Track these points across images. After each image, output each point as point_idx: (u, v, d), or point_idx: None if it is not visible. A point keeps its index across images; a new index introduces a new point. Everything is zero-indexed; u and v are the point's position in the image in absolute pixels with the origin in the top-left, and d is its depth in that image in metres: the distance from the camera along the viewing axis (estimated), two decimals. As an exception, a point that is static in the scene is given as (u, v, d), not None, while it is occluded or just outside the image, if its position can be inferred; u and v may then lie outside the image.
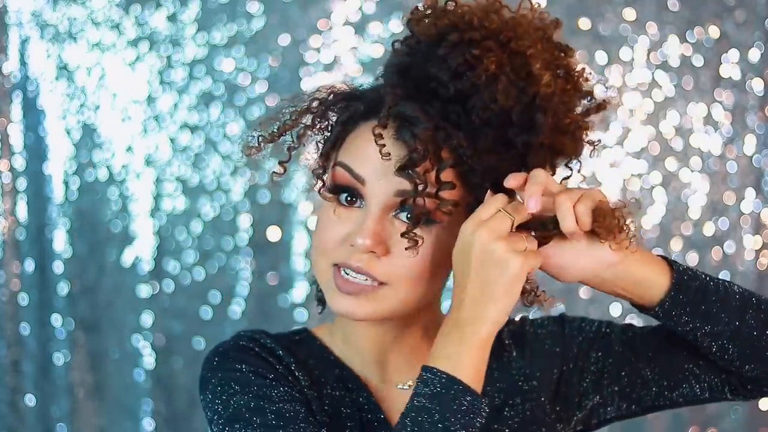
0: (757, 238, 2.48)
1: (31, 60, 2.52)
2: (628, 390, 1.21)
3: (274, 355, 1.16)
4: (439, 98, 1.08)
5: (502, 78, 1.06)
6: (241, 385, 1.11)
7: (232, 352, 1.15)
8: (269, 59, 2.47)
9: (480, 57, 1.06)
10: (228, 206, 2.50)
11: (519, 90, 1.06)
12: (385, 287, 1.09)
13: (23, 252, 2.56)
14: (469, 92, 1.07)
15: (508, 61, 1.07)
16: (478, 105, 1.06)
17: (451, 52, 1.07)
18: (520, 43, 1.07)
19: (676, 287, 1.10)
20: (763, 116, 2.46)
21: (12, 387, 2.57)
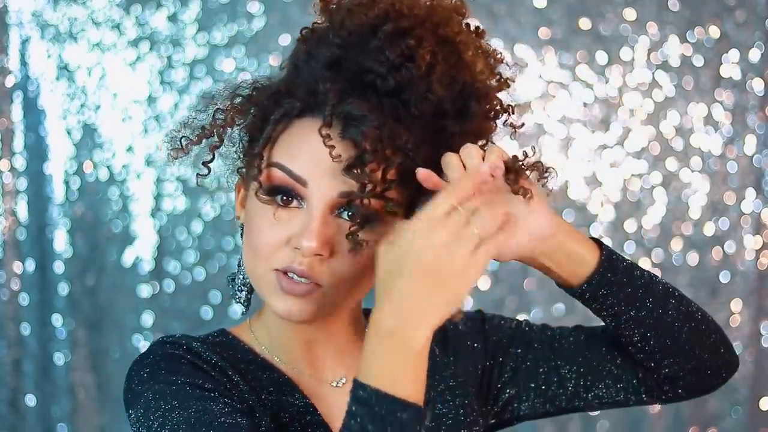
0: (758, 238, 2.48)
1: (32, 60, 2.52)
2: (544, 387, 1.21)
3: (207, 361, 1.09)
4: (376, 92, 1.03)
5: (438, 68, 1.03)
6: (179, 399, 1.02)
7: (164, 363, 1.07)
8: (270, 59, 2.47)
9: (415, 47, 1.03)
10: (228, 206, 2.51)
11: (451, 78, 1.04)
12: (325, 288, 1.05)
13: (24, 252, 2.56)
14: (406, 84, 1.03)
15: (440, 50, 1.04)
16: (415, 97, 1.03)
17: (387, 43, 1.03)
18: (448, 29, 1.05)
19: (604, 264, 1.10)
20: (763, 116, 2.47)
21: (13, 387, 2.57)
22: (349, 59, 1.06)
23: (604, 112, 2.46)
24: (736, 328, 2.50)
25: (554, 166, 1.12)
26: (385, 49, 1.03)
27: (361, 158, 1.00)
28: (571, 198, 2.47)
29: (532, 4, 2.43)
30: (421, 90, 1.03)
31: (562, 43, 2.44)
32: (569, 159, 2.46)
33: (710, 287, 2.50)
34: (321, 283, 1.04)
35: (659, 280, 1.14)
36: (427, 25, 1.05)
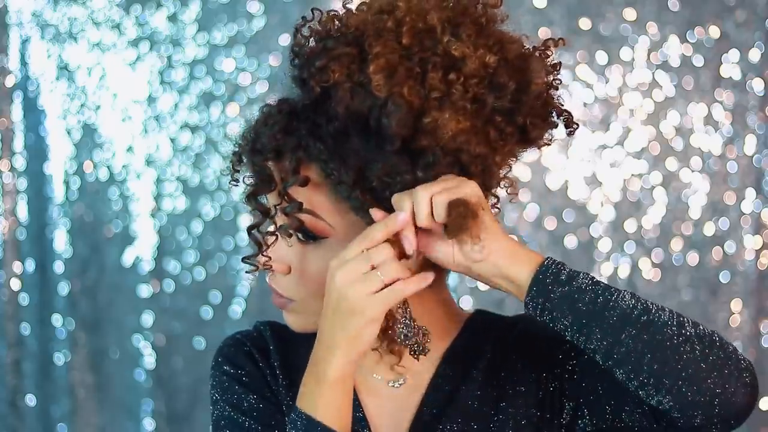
0: (758, 238, 2.48)
1: (32, 60, 2.52)
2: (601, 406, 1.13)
3: (263, 352, 1.21)
4: (304, 112, 1.07)
5: (345, 86, 1.03)
6: (222, 391, 1.19)
7: (227, 349, 1.22)
8: (270, 59, 2.47)
9: (324, 68, 1.04)
10: (228, 206, 2.51)
11: (372, 95, 1.02)
12: (296, 303, 1.14)
13: (24, 252, 2.56)
14: (322, 103, 1.05)
15: (358, 67, 1.03)
16: (331, 115, 1.05)
17: (302, 64, 1.08)
18: (373, 43, 1.03)
19: (533, 288, 1.03)
20: (763, 116, 2.46)
21: (12, 387, 2.57)
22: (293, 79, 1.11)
23: (604, 112, 2.46)
24: (736, 328, 2.50)
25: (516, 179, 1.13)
26: (298, 71, 1.08)
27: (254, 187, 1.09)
28: (571, 198, 2.47)
29: (532, 4, 2.43)
30: (326, 109, 1.05)
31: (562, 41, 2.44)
32: (569, 159, 2.46)
33: (710, 287, 2.50)
34: (289, 296, 1.14)
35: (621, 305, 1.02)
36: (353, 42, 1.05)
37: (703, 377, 0.99)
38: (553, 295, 1.03)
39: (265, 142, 1.07)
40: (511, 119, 1.07)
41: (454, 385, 1.18)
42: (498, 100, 1.05)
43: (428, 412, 1.17)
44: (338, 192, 1.06)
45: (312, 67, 1.05)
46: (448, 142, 1.03)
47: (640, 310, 1.01)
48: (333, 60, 1.04)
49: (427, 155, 1.04)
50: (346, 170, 1.05)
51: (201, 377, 2.53)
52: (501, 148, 1.08)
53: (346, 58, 1.03)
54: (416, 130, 1.03)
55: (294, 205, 1.07)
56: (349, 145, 1.05)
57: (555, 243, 2.48)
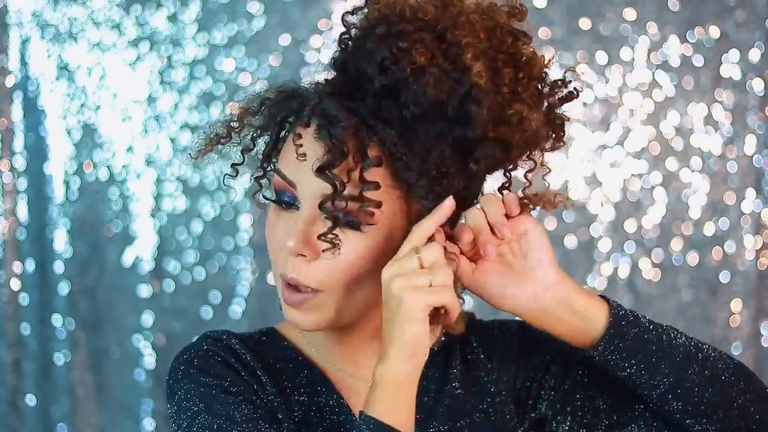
0: (758, 238, 2.48)
1: (32, 60, 2.52)
2: (580, 414, 1.17)
3: (240, 360, 1.14)
4: (369, 94, 1.04)
5: (433, 70, 1.02)
6: (205, 402, 1.09)
7: (198, 360, 1.13)
8: (270, 59, 2.47)
9: (408, 49, 1.02)
10: (228, 206, 2.50)
11: (454, 81, 1.03)
12: (322, 294, 1.07)
13: (24, 252, 2.56)
14: (398, 86, 1.03)
15: (442, 53, 1.03)
16: (409, 99, 1.03)
17: (377, 45, 1.04)
18: (457, 33, 1.04)
19: (611, 330, 1.06)
20: (763, 116, 2.46)
21: (12, 387, 2.57)
22: (350, 61, 1.07)
23: (604, 112, 2.46)
24: (736, 328, 2.50)
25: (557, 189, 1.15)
26: (375, 50, 1.04)
27: (327, 159, 1.01)
28: (571, 198, 2.46)
29: (532, 4, 2.43)
30: (413, 92, 1.03)
31: (562, 43, 2.44)
32: (569, 159, 2.46)
33: (710, 287, 2.50)
34: (315, 286, 1.06)
35: (680, 342, 1.09)
36: (437, 28, 1.04)
37: (747, 406, 1.09)
38: (628, 337, 1.06)
39: (338, 114, 1.02)
40: (548, 122, 1.11)
41: (439, 385, 1.19)
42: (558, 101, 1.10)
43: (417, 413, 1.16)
44: (397, 178, 1.04)
45: (395, 48, 1.02)
46: (528, 136, 1.06)
47: (695, 346, 1.09)
48: (418, 43, 1.03)
49: (487, 147, 1.05)
50: (413, 156, 1.03)
51: (201, 377, 2.53)
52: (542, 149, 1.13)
53: (431, 43, 1.03)
54: (496, 121, 1.05)
55: (371, 185, 1.02)
56: (417, 130, 1.04)
57: (555, 243, 2.47)
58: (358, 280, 1.06)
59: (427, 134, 1.04)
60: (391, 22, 1.05)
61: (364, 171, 1.02)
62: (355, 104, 1.04)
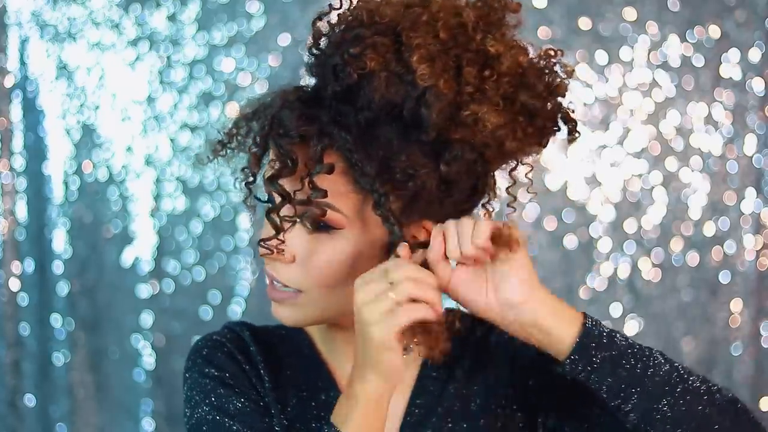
0: (758, 238, 2.48)
1: (31, 60, 2.52)
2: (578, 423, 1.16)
3: (245, 353, 1.18)
4: (327, 100, 1.05)
5: (383, 74, 1.02)
6: (204, 394, 1.14)
7: (206, 351, 1.18)
8: (269, 59, 2.47)
9: (359, 55, 1.03)
10: (228, 206, 2.50)
11: (408, 84, 1.02)
12: (302, 294, 1.10)
13: (23, 252, 2.56)
14: (351, 92, 1.04)
15: (395, 56, 1.03)
16: (363, 104, 1.04)
17: (333, 51, 1.06)
18: (412, 35, 1.03)
19: (576, 353, 1.03)
20: (763, 116, 2.46)
21: (12, 387, 2.57)
22: (315, 67, 1.10)
23: (604, 112, 2.46)
24: (736, 328, 2.50)
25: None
26: (328, 57, 1.06)
27: (276, 170, 1.04)
28: (571, 198, 2.47)
29: (532, 4, 2.43)
30: (365, 97, 1.03)
31: (562, 43, 2.44)
32: (569, 159, 2.45)
33: (710, 287, 2.50)
34: (290, 286, 1.10)
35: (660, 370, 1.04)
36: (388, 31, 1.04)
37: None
38: (595, 359, 1.03)
39: (290, 125, 1.04)
40: (532, 120, 1.08)
41: (441, 385, 1.19)
42: (530, 99, 1.06)
43: (417, 412, 1.17)
44: (359, 183, 1.05)
45: (346, 54, 1.04)
46: (486, 137, 1.04)
47: (676, 377, 1.04)
48: (369, 48, 1.03)
49: (454, 149, 1.04)
50: (369, 161, 1.03)
51: (200, 377, 2.53)
52: (524, 148, 1.09)
53: (383, 47, 1.03)
54: (452, 123, 1.03)
55: (318, 193, 1.04)
56: (376, 135, 1.04)
57: (555, 243, 2.47)
58: (336, 282, 1.08)
59: (387, 138, 1.04)
60: (348, 28, 1.06)
61: (313, 177, 1.03)
62: (316, 111, 1.05)
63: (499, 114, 1.04)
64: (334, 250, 1.07)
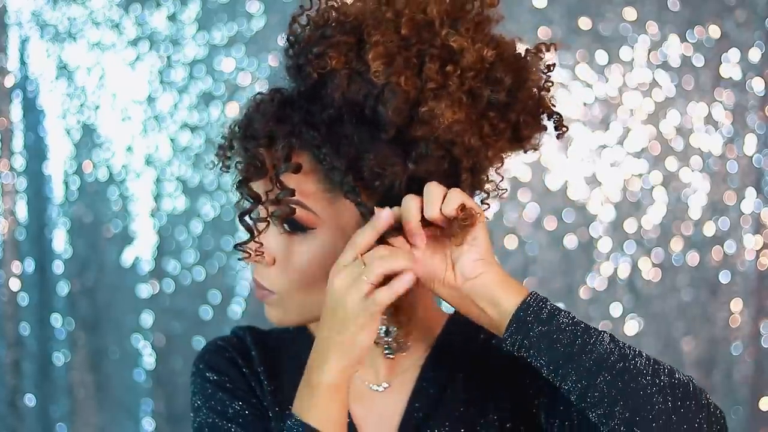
0: (758, 238, 2.48)
1: (31, 60, 2.52)
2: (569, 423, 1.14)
3: (246, 358, 1.21)
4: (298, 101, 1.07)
5: (343, 72, 1.03)
6: (205, 398, 1.17)
7: (208, 356, 1.21)
8: (269, 59, 2.47)
9: (321, 54, 1.04)
10: (228, 206, 2.50)
11: (368, 83, 1.03)
12: (281, 294, 1.12)
13: (23, 252, 2.56)
14: (317, 91, 1.05)
15: (356, 55, 1.04)
16: (327, 102, 1.05)
17: (299, 51, 1.08)
18: (372, 32, 1.03)
19: (513, 323, 1.02)
20: (763, 116, 2.46)
21: (12, 387, 2.57)
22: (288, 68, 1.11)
23: (604, 112, 2.46)
24: (736, 328, 2.50)
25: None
26: (294, 58, 1.08)
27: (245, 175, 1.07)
28: (571, 198, 2.47)
29: (532, 4, 2.43)
30: (324, 96, 1.04)
31: (562, 43, 2.44)
32: (569, 159, 2.45)
33: (710, 287, 2.50)
34: (271, 288, 1.12)
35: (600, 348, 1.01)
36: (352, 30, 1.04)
37: (673, 429, 0.99)
38: (532, 333, 1.02)
39: (258, 129, 1.06)
40: (504, 115, 1.07)
41: (440, 388, 1.19)
42: (493, 94, 1.05)
43: (416, 415, 1.17)
44: (329, 179, 1.05)
45: (309, 54, 1.05)
46: (443, 133, 1.03)
47: (617, 356, 1.01)
48: (331, 47, 1.04)
49: (419, 147, 1.04)
50: (338, 158, 1.04)
51: (200, 377, 2.53)
52: (493, 144, 1.08)
53: (344, 45, 1.04)
54: (412, 120, 1.03)
55: (286, 192, 1.05)
56: (343, 132, 1.04)
57: (555, 243, 2.47)
58: (314, 281, 1.09)
59: (353, 137, 1.04)
60: (315, 27, 1.07)
61: (280, 176, 1.04)
62: (288, 111, 1.06)
63: (458, 109, 1.03)
64: (309, 250, 1.08)
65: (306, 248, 1.09)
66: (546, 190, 2.46)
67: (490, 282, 1.04)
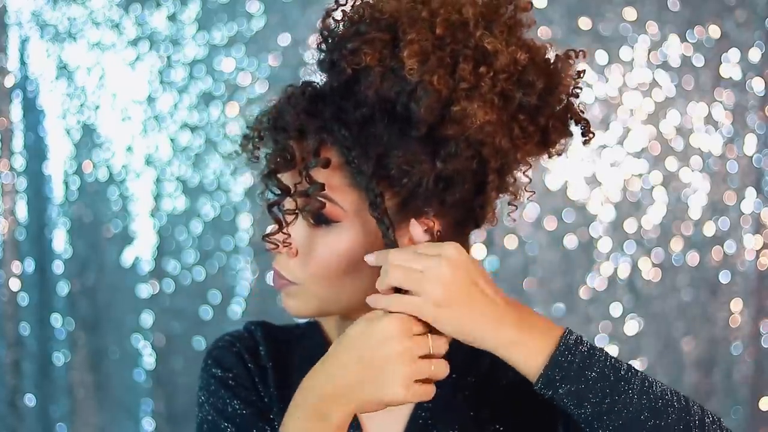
0: (758, 238, 2.48)
1: (31, 60, 2.52)
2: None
3: (254, 354, 1.21)
4: (329, 96, 1.07)
5: (378, 69, 1.03)
6: (209, 394, 1.18)
7: (216, 351, 1.22)
8: (269, 59, 2.47)
9: (355, 50, 1.04)
10: (228, 206, 2.50)
11: (402, 80, 1.03)
12: (300, 286, 1.12)
13: (23, 252, 2.56)
14: (350, 87, 1.05)
15: (391, 52, 1.04)
16: (360, 99, 1.05)
17: (333, 47, 1.07)
18: (407, 30, 1.03)
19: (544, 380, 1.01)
20: (763, 116, 2.46)
21: (12, 387, 2.57)
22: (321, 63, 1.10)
23: (604, 112, 2.46)
24: (736, 328, 2.50)
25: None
26: (328, 54, 1.07)
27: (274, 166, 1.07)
28: (571, 198, 2.47)
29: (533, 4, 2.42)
30: (358, 93, 1.04)
31: (562, 43, 2.43)
32: (569, 159, 2.46)
33: (710, 287, 2.50)
34: (292, 279, 1.12)
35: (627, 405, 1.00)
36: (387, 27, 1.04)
37: None
38: (561, 391, 1.01)
39: (289, 121, 1.06)
40: (534, 119, 1.08)
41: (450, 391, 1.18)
42: (525, 97, 1.06)
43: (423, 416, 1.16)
44: (356, 179, 1.06)
45: (344, 50, 1.05)
46: (473, 133, 1.03)
47: (647, 413, 1.00)
48: (365, 43, 1.04)
49: (449, 146, 1.04)
50: (367, 159, 1.04)
51: (200, 377, 2.53)
52: (522, 146, 1.09)
53: (379, 42, 1.03)
54: (443, 119, 1.03)
55: (316, 186, 1.05)
56: (374, 131, 1.04)
57: (555, 243, 2.47)
58: (337, 273, 1.09)
59: (383, 134, 1.04)
60: (350, 23, 1.07)
61: (309, 170, 1.04)
62: (319, 106, 1.06)
63: (489, 110, 1.03)
64: (333, 243, 1.08)
65: (330, 241, 1.08)
66: (546, 189, 2.46)
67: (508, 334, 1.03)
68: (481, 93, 1.03)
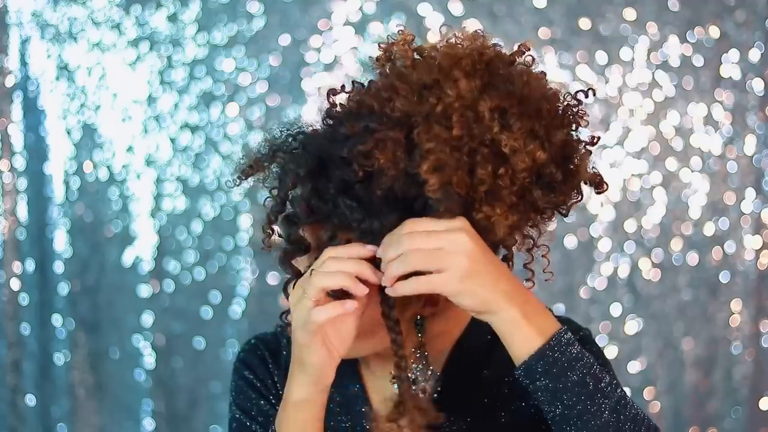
0: (758, 238, 2.48)
1: (32, 60, 2.52)
2: None
3: (275, 357, 1.25)
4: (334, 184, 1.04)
5: (389, 173, 1.00)
6: (236, 394, 1.24)
7: (243, 354, 1.27)
8: (270, 59, 2.47)
9: (368, 152, 1.00)
10: (228, 206, 2.50)
11: (418, 185, 1.00)
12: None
13: (24, 252, 2.56)
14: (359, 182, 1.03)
15: (405, 152, 1.01)
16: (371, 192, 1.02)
17: (344, 140, 1.03)
18: (423, 135, 1.00)
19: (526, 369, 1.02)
20: (763, 116, 2.46)
21: (12, 387, 2.57)
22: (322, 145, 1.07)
23: (604, 112, 2.46)
24: (736, 328, 2.50)
25: None
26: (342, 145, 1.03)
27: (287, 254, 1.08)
28: (571, 198, 2.47)
29: (532, 4, 2.43)
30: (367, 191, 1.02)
31: (562, 43, 2.44)
32: (569, 159, 2.45)
33: (710, 287, 2.50)
34: None
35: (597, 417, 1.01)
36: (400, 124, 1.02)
37: None
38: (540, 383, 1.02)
39: (299, 212, 1.05)
40: (550, 200, 1.06)
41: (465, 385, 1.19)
42: (544, 190, 1.05)
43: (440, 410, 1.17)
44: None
45: (355, 149, 1.01)
46: (501, 239, 1.03)
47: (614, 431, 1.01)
48: (378, 144, 1.00)
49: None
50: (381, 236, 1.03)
51: (201, 377, 2.53)
52: (538, 225, 1.09)
53: (392, 143, 1.00)
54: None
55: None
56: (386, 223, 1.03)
57: (555, 243, 2.47)
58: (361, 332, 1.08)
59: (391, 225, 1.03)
60: (357, 117, 1.04)
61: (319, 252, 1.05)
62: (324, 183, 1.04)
63: (511, 214, 1.02)
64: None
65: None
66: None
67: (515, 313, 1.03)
68: (501, 196, 1.01)
